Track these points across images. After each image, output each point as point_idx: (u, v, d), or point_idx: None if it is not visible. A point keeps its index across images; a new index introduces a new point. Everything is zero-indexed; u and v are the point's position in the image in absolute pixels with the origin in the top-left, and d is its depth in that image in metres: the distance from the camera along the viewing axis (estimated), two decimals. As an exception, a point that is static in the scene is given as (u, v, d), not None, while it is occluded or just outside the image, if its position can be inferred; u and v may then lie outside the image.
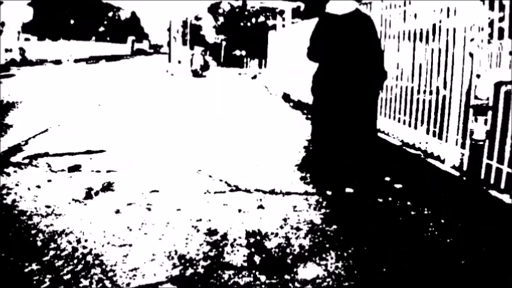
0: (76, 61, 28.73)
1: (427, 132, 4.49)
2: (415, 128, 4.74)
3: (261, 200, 3.56)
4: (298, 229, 3.00)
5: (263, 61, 19.73)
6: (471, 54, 3.72)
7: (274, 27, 21.08)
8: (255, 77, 17.56)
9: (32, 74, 16.66)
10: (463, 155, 3.84)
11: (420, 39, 4.72)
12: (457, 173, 3.85)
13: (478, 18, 3.66)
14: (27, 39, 31.14)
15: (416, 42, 4.80)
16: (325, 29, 4.37)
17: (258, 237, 2.85)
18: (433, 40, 4.40)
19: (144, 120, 7.15)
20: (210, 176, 4.15)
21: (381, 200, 3.57)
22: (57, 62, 26.57)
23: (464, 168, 3.79)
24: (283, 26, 15.82)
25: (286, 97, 10.87)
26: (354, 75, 4.27)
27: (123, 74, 18.65)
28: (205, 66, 17.42)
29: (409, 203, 3.51)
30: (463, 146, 3.87)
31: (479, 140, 3.56)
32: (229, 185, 3.91)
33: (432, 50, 4.43)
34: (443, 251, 2.70)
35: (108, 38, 48.84)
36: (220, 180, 4.03)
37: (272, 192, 3.75)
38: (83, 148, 5.10)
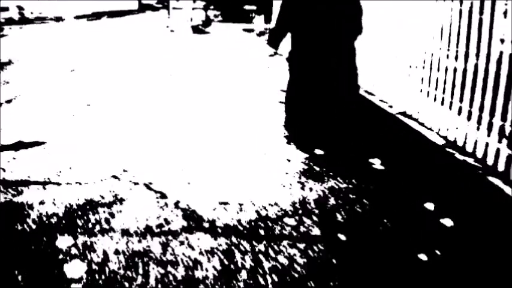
0: (77, 17, 27.46)
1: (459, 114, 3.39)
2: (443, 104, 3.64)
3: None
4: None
5: (270, 16, 18.36)
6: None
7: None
8: (261, 33, 16.25)
9: (29, 33, 15.59)
10: (498, 151, 2.79)
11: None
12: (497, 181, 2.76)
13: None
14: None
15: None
16: None
17: None
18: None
19: (133, 83, 6.12)
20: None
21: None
22: (58, 19, 25.37)
23: (500, 169, 2.77)
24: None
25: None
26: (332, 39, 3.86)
27: (120, 31, 17.46)
28: (206, 22, 16.15)
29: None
30: (499, 140, 2.81)
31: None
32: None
33: None
34: None
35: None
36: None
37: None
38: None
